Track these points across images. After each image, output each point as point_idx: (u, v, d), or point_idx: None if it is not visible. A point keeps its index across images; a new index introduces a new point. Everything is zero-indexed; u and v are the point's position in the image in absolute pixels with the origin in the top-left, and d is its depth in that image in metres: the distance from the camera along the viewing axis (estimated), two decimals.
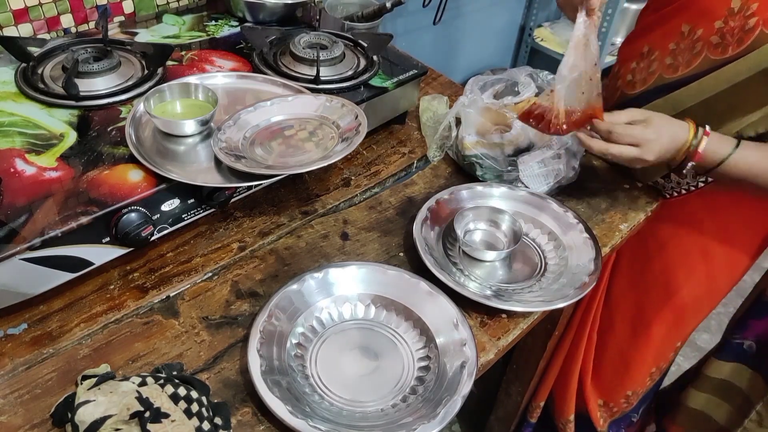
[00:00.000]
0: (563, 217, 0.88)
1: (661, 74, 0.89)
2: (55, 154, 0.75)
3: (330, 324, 0.74)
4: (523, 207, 0.90)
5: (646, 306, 1.07)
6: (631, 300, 1.09)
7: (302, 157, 0.80)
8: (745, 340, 1.04)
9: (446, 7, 1.79)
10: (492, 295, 0.76)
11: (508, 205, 0.90)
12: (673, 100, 0.88)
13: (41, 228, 0.65)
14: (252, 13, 1.09)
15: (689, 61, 0.85)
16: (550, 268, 0.84)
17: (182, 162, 0.78)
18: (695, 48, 0.84)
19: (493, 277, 0.82)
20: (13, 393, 0.63)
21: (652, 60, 0.91)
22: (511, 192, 0.91)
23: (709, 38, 0.81)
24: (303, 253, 0.83)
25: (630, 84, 0.96)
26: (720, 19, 0.80)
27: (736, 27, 0.78)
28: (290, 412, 0.60)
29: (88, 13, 1.05)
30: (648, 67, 0.92)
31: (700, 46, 0.83)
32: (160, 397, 0.58)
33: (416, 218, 0.84)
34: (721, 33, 0.80)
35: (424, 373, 0.69)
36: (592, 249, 0.83)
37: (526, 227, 0.88)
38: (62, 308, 0.72)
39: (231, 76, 0.93)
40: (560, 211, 0.89)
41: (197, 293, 0.76)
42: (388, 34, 1.05)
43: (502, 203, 0.90)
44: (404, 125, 1.08)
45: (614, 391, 1.21)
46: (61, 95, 0.84)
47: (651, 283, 1.05)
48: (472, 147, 0.95)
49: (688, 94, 0.86)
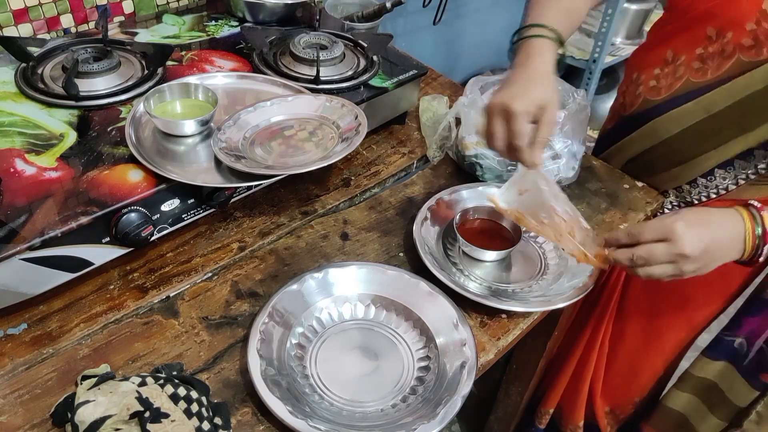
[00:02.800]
0: None
1: (689, 78, 0.87)
2: (55, 154, 0.75)
3: (330, 324, 0.74)
4: None
5: (660, 312, 1.06)
6: (645, 305, 1.08)
7: (302, 158, 0.80)
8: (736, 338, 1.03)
9: (446, 8, 1.79)
10: (492, 295, 0.76)
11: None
12: (704, 103, 0.86)
13: (41, 228, 0.65)
14: (252, 13, 1.09)
15: (720, 64, 0.83)
16: (550, 268, 0.84)
17: (182, 162, 0.78)
18: (725, 51, 0.82)
19: (493, 277, 0.82)
20: (13, 393, 0.63)
21: (678, 65, 0.89)
22: None
23: (740, 41, 0.80)
24: (303, 253, 0.83)
25: (654, 90, 0.94)
26: (752, 21, 0.78)
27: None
28: (290, 412, 0.60)
29: (88, 13, 1.06)
30: (674, 73, 0.90)
31: (731, 48, 0.81)
32: (160, 397, 0.58)
33: (416, 218, 0.84)
34: (754, 35, 0.78)
35: (424, 373, 0.69)
36: None
37: None
38: (62, 308, 0.72)
39: (231, 76, 0.93)
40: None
41: (197, 293, 0.76)
42: (388, 34, 1.05)
43: None
44: (404, 125, 1.08)
45: (622, 398, 1.19)
46: (61, 95, 0.84)
47: (664, 290, 1.03)
48: (472, 147, 0.95)
49: (720, 96, 0.84)
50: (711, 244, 0.69)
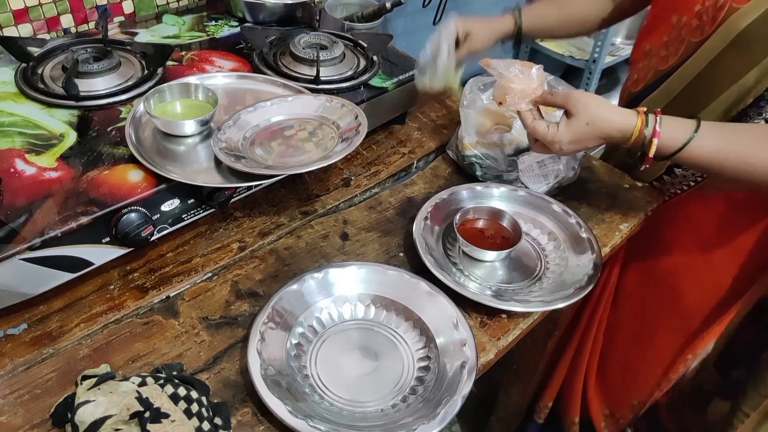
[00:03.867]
0: (563, 217, 0.88)
1: (656, 67, 0.91)
2: (55, 155, 0.75)
3: (330, 324, 0.74)
4: (522, 207, 0.90)
5: (651, 309, 1.06)
6: (637, 302, 1.08)
7: (302, 158, 0.80)
8: None
9: (446, 8, 1.79)
10: (492, 295, 0.76)
11: (507, 206, 0.90)
12: (665, 89, 0.89)
13: (41, 228, 0.65)
14: (252, 13, 1.09)
15: (677, 49, 0.86)
16: (550, 268, 0.84)
17: (182, 162, 0.78)
18: (681, 35, 0.85)
19: (493, 277, 0.82)
20: (13, 393, 0.63)
21: (651, 56, 0.92)
22: (511, 192, 0.91)
23: (690, 22, 0.82)
24: (303, 254, 0.83)
25: (634, 82, 0.97)
26: (699, 3, 0.80)
27: (710, 6, 0.79)
28: (290, 412, 0.60)
29: (88, 14, 1.06)
30: (648, 64, 0.93)
31: (684, 32, 0.84)
32: (160, 397, 0.58)
33: (416, 218, 0.84)
34: (699, 15, 0.81)
35: (424, 373, 0.69)
36: (592, 249, 0.83)
37: (526, 227, 0.88)
38: (62, 308, 0.72)
39: (231, 76, 0.93)
40: (560, 212, 0.89)
41: (197, 293, 0.76)
42: (388, 34, 1.05)
43: (502, 203, 0.90)
44: (404, 125, 1.08)
45: (620, 399, 1.19)
46: (61, 95, 0.84)
47: (655, 285, 1.04)
48: (471, 147, 0.95)
49: (677, 81, 0.87)
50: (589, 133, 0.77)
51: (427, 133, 1.07)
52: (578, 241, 0.85)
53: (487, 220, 0.87)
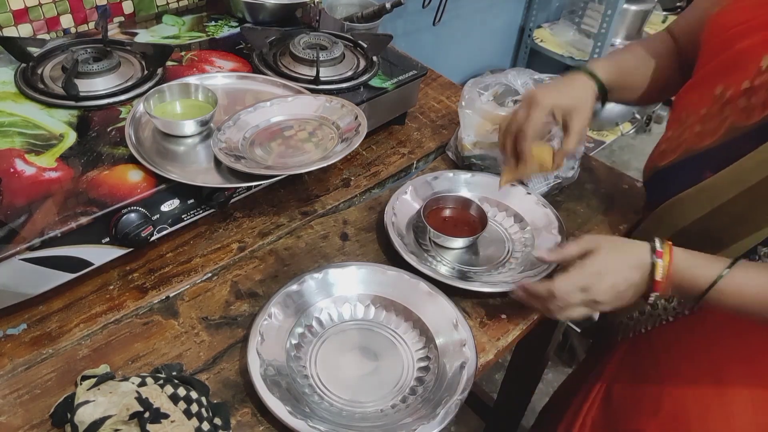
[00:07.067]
0: (527, 199, 0.91)
1: (687, 146, 0.74)
2: (55, 155, 0.75)
3: (329, 324, 0.74)
4: (489, 192, 0.92)
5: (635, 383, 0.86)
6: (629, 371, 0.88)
7: (302, 158, 0.80)
8: None
9: (446, 8, 1.79)
10: (458, 278, 0.79)
11: (473, 192, 0.92)
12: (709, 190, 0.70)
13: (41, 228, 0.65)
14: (252, 13, 1.09)
15: (715, 129, 0.69)
16: (516, 247, 0.87)
17: (182, 162, 0.78)
18: (724, 113, 0.68)
19: (462, 261, 0.84)
20: (13, 393, 0.63)
21: (684, 128, 0.75)
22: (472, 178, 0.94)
23: (736, 101, 0.67)
24: (303, 254, 0.83)
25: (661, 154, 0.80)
26: (748, 79, 0.65)
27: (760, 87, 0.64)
28: (290, 412, 0.60)
29: (88, 14, 1.06)
30: (680, 137, 0.76)
31: (728, 111, 0.68)
32: (160, 397, 0.58)
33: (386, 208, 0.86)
34: (747, 94, 0.65)
35: (424, 373, 0.69)
36: (556, 226, 0.86)
37: (491, 211, 0.90)
38: (62, 308, 0.72)
39: (231, 76, 0.93)
40: (523, 193, 0.91)
41: (197, 293, 0.76)
42: (388, 34, 1.05)
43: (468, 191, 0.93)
44: (404, 126, 1.08)
45: None
46: (60, 95, 0.84)
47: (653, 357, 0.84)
48: (471, 148, 0.95)
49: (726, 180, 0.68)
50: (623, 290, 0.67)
51: (427, 133, 1.07)
52: (543, 221, 0.88)
53: (454, 208, 0.89)
